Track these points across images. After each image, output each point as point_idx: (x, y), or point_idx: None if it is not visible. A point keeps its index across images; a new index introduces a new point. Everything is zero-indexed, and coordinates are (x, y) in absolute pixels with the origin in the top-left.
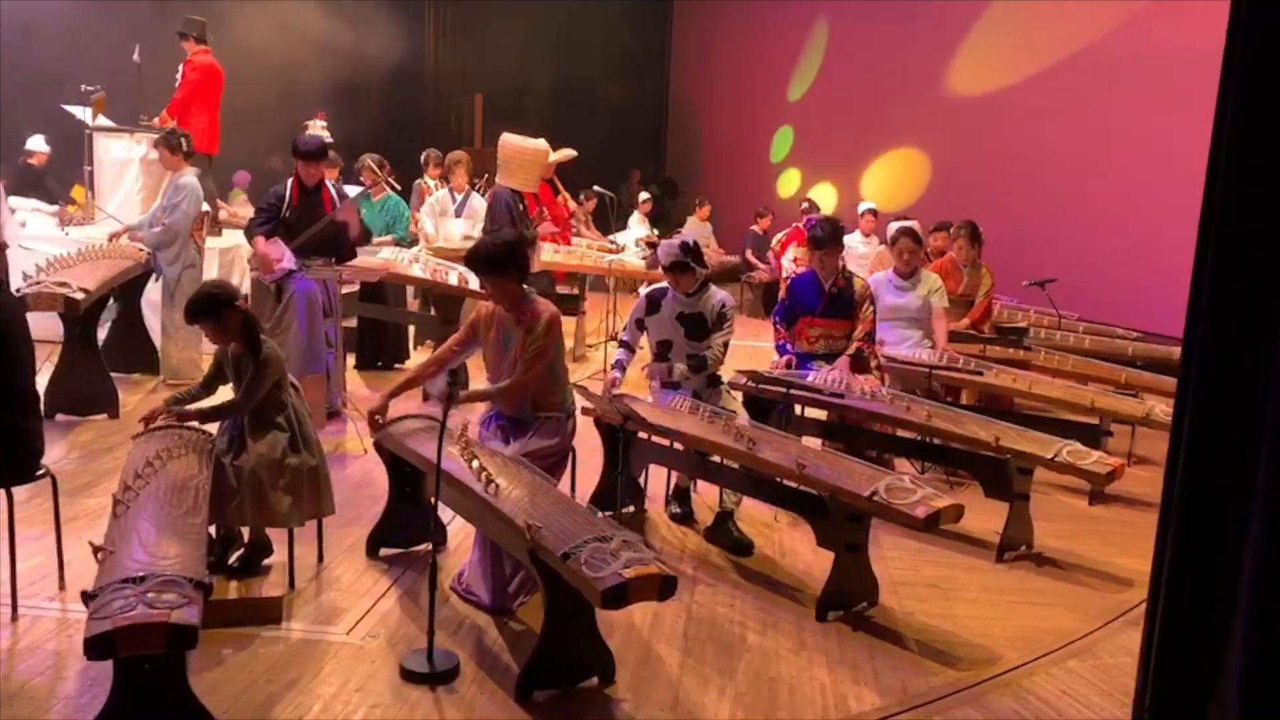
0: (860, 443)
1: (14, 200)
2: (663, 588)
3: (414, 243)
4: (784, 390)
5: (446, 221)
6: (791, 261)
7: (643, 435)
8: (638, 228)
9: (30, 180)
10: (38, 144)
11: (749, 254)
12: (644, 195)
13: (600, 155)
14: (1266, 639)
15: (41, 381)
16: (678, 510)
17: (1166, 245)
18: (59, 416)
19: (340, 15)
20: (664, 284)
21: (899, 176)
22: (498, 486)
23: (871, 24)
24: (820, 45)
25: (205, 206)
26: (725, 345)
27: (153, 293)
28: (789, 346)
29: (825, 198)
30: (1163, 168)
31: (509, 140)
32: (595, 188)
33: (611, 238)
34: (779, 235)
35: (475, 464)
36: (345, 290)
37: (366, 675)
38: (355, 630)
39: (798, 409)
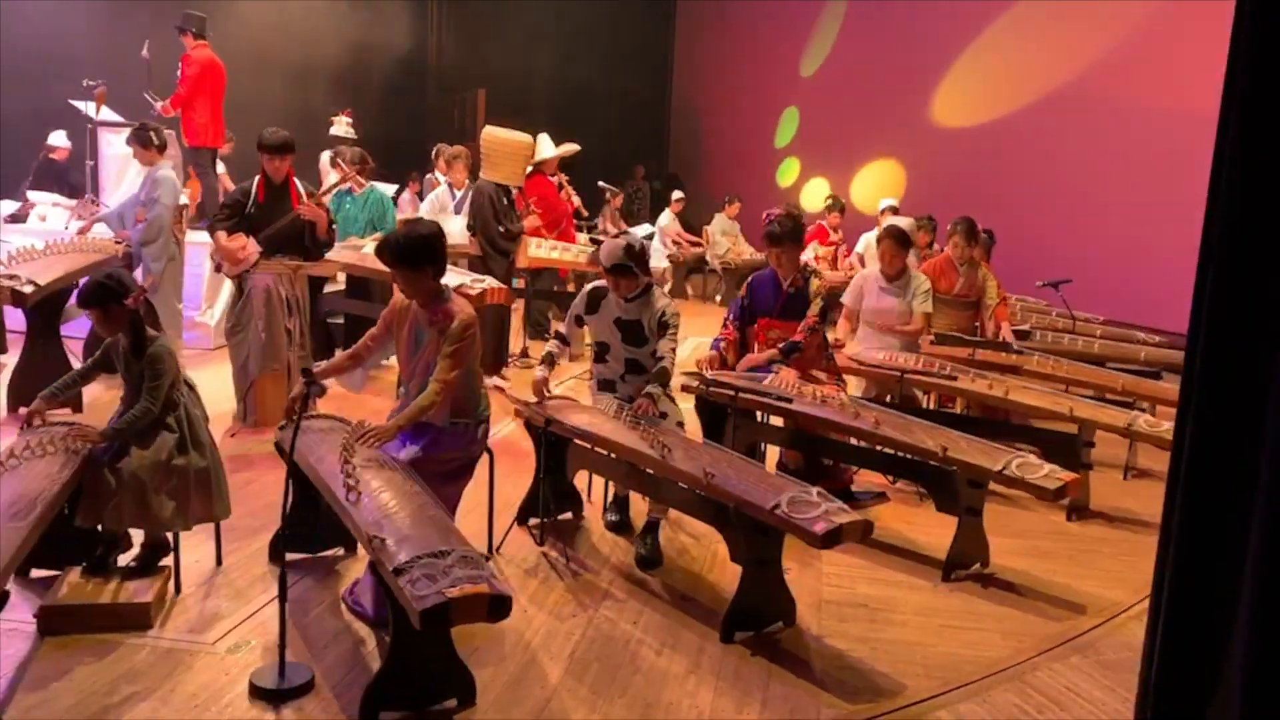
0: (819, 451)
1: (35, 194)
2: (492, 609)
3: None
4: (732, 393)
5: (446, 218)
6: (812, 259)
7: (580, 441)
8: (667, 223)
9: (53, 174)
10: (60, 139)
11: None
12: (677, 194)
13: (604, 150)
14: (1268, 641)
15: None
16: (614, 518)
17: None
18: (22, 410)
19: (343, 10)
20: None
21: (885, 180)
22: (359, 494)
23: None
24: (836, 23)
25: (183, 199)
26: (674, 350)
27: None
28: (721, 344)
29: (821, 193)
30: (1167, 168)
31: (492, 133)
32: (601, 183)
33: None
34: None
35: (348, 467)
36: (330, 288)
37: (217, 689)
38: (225, 640)
39: (760, 416)
